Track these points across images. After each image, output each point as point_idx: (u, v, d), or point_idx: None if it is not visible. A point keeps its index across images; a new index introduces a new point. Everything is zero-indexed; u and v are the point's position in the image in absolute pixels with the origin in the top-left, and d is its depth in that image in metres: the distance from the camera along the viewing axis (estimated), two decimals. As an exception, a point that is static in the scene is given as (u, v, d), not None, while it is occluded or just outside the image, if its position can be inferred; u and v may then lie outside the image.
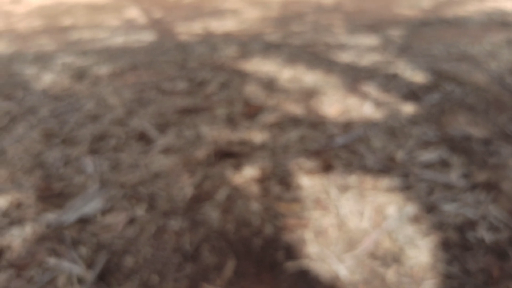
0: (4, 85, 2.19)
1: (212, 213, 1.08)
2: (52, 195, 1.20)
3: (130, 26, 3.82)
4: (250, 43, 2.95)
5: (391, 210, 1.05)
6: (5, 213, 1.13)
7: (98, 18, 4.26)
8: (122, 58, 2.67)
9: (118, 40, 3.25)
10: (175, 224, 1.05)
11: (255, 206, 1.10)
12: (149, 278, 0.89)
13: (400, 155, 1.34)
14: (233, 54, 2.67)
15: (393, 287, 0.84)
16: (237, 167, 1.30)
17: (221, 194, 1.16)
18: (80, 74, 2.34)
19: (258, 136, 1.50)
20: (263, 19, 3.97)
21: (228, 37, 3.18)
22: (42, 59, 2.71)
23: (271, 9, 4.54)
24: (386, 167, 1.27)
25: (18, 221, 1.09)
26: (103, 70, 2.41)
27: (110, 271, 0.91)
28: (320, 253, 0.93)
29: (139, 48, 2.96)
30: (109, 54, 2.80)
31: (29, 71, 2.45)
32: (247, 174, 1.26)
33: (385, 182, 1.19)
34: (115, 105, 1.86)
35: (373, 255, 0.91)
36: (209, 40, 3.11)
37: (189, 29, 3.55)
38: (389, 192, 1.13)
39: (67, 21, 4.16)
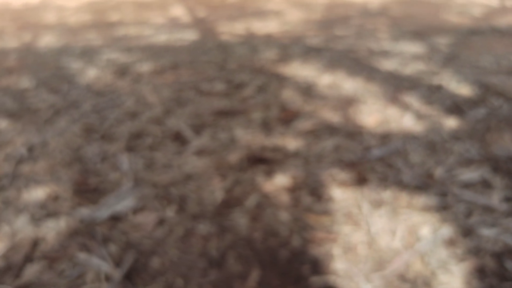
0: (51, 78, 2.28)
1: (240, 220, 1.08)
2: (88, 190, 1.24)
3: (174, 24, 3.90)
4: (291, 46, 2.93)
5: (425, 231, 1.01)
6: (43, 205, 1.17)
7: (144, 15, 4.37)
8: (164, 56, 2.73)
9: (162, 38, 3.32)
10: (203, 228, 1.05)
11: (284, 216, 1.09)
12: (174, 281, 0.89)
13: (439, 172, 1.29)
14: (273, 56, 2.67)
15: (423, 314, 0.80)
16: (269, 174, 1.29)
17: (251, 201, 1.16)
18: (122, 71, 2.41)
19: (292, 143, 1.49)
20: (306, 21, 3.93)
21: (269, 39, 3.17)
22: (89, 54, 2.81)
23: (315, 11, 4.49)
24: (423, 184, 1.22)
25: (54, 214, 1.13)
26: (145, 67, 2.47)
27: (136, 270, 0.93)
28: (348, 270, 0.90)
29: (181, 46, 3.01)
30: (152, 51, 2.86)
31: (75, 65, 2.54)
32: (279, 182, 1.25)
33: (421, 200, 1.14)
34: (154, 103, 1.90)
35: (402, 277, 0.88)
36: (250, 41, 3.12)
37: (231, 29, 3.58)
38: (424, 211, 1.09)
39: (114, 17, 4.29)
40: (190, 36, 3.37)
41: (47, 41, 3.25)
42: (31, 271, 0.93)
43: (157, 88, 2.11)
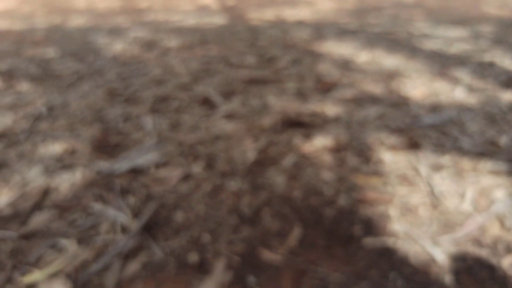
0: (77, 50, 2.21)
1: (276, 178, 0.94)
2: (108, 146, 1.12)
3: (203, 11, 3.81)
4: (324, 29, 2.79)
5: (500, 194, 0.84)
6: (58, 159, 1.06)
7: (173, 2, 4.31)
8: (192, 35, 2.63)
9: (191, 22, 3.22)
10: (234, 184, 0.92)
11: (327, 175, 0.94)
12: (200, 236, 0.76)
13: (504, 140, 1.12)
14: (305, 36, 2.52)
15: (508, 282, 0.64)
16: (307, 136, 1.15)
17: (288, 161, 1.02)
18: (150, 45, 2.31)
19: (331, 109, 1.34)
20: (338, 10, 3.78)
21: (301, 23, 3.03)
22: (116, 32, 2.73)
23: (346, 1, 4.34)
24: (487, 151, 1.05)
25: (69, 166, 1.01)
26: (173, 43, 2.37)
27: (158, 224, 0.80)
28: (409, 232, 0.75)
29: (210, 29, 2.90)
30: (181, 31, 2.77)
31: (102, 40, 2.47)
32: (319, 143, 1.10)
33: (488, 165, 0.97)
34: (182, 73, 1.79)
35: (478, 242, 0.72)
36: (281, 25, 2.99)
37: (261, 16, 3.46)
38: (494, 175, 0.92)
39: (143, 4, 4.24)
40: (219, 20, 3.26)
41: (76, 22, 3.21)
42: (39, 219, 0.81)
43: (185, 60, 2.00)
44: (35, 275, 0.70)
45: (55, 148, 1.12)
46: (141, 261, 0.71)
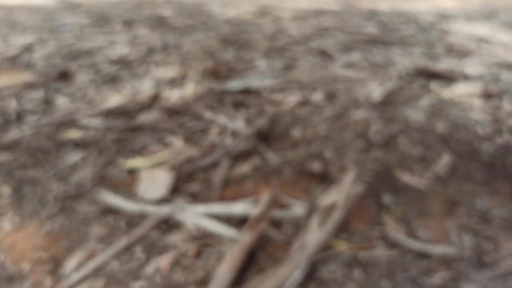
0: (192, 13, 2.23)
1: (412, 114, 0.79)
2: (218, 75, 1.05)
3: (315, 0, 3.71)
4: (449, 15, 2.51)
5: None
6: (170, 81, 1.02)
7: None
8: (305, 11, 2.53)
9: (302, 5, 3.14)
10: (360, 113, 0.78)
11: (479, 116, 0.77)
12: (321, 152, 0.64)
13: None
14: (430, 18, 2.29)
15: None
16: (447, 85, 0.97)
17: (425, 102, 0.86)
18: (263, 14, 2.27)
19: (472, 69, 1.14)
20: (461, 7, 3.43)
21: (420, 12, 2.78)
22: (230, 4, 2.75)
23: (470, 1, 3.93)
24: None
25: (180, 85, 0.96)
26: (285, 13, 2.30)
27: (272, 137, 0.70)
28: None
29: (322, 11, 2.78)
30: (293, 9, 2.69)
31: (217, 9, 2.48)
32: (461, 91, 0.92)
33: None
34: (295, 35, 1.69)
35: None
36: (397, 12, 2.77)
37: (374, 6, 3.26)
38: None
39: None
40: (331, 6, 3.13)
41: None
42: (146, 117, 0.76)
43: (298, 26, 1.91)
44: (137, 161, 0.63)
45: (167, 72, 1.08)
46: (253, 164, 0.61)
